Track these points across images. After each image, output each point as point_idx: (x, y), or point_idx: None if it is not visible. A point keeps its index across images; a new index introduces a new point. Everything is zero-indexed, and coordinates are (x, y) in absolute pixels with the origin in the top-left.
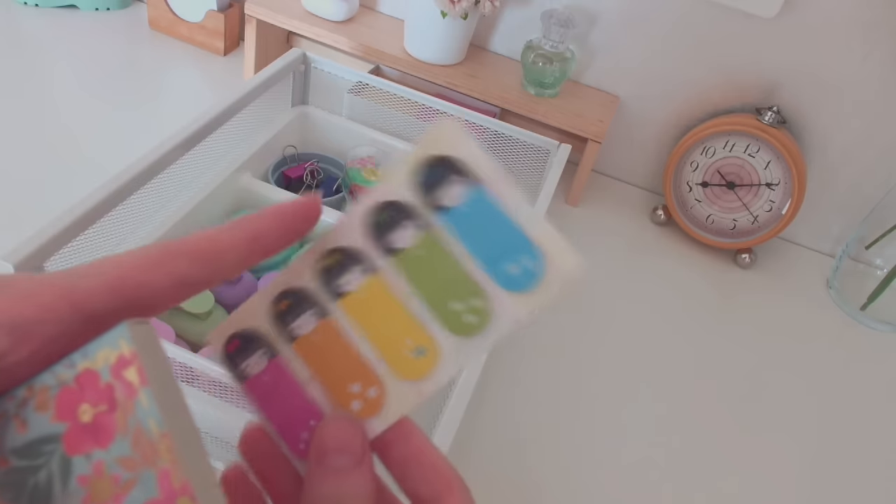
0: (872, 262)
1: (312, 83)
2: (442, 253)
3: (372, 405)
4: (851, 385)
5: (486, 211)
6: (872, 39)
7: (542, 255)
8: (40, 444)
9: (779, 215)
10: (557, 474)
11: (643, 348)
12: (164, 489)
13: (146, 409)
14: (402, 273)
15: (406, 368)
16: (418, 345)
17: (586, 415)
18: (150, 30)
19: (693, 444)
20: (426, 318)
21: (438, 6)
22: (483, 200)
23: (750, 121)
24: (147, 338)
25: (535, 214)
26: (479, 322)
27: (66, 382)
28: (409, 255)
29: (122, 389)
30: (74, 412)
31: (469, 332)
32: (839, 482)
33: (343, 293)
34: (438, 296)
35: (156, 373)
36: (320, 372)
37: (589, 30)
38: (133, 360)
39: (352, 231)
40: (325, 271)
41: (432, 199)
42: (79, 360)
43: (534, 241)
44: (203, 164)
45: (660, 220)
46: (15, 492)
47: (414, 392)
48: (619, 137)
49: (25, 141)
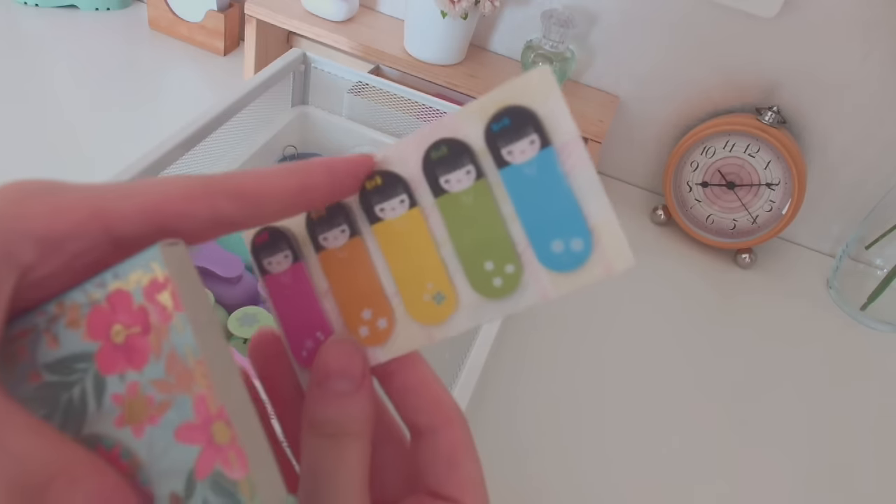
0: (872, 262)
1: (312, 83)
2: (489, 207)
3: (378, 335)
4: (851, 385)
5: (550, 178)
6: (872, 39)
7: (594, 242)
8: (73, 361)
9: (779, 215)
10: (556, 474)
11: (643, 348)
12: (200, 413)
13: (181, 334)
14: (443, 216)
15: (420, 311)
16: (439, 290)
17: (585, 414)
18: (150, 30)
19: (693, 443)
20: (454, 266)
21: (438, 6)
22: (550, 165)
23: (750, 121)
24: (181, 260)
25: (603, 196)
26: (506, 288)
27: (97, 301)
28: (454, 200)
29: (157, 313)
30: (107, 332)
31: (493, 295)
32: (839, 482)
33: (379, 218)
34: (473, 250)
35: (190, 297)
36: (337, 288)
37: (589, 30)
38: (167, 284)
39: (404, 158)
40: (366, 192)
41: (498, 149)
42: (110, 279)
43: (590, 224)
44: (203, 164)
45: (660, 220)
46: (49, 407)
47: (423, 334)
48: (619, 137)
49: (25, 141)
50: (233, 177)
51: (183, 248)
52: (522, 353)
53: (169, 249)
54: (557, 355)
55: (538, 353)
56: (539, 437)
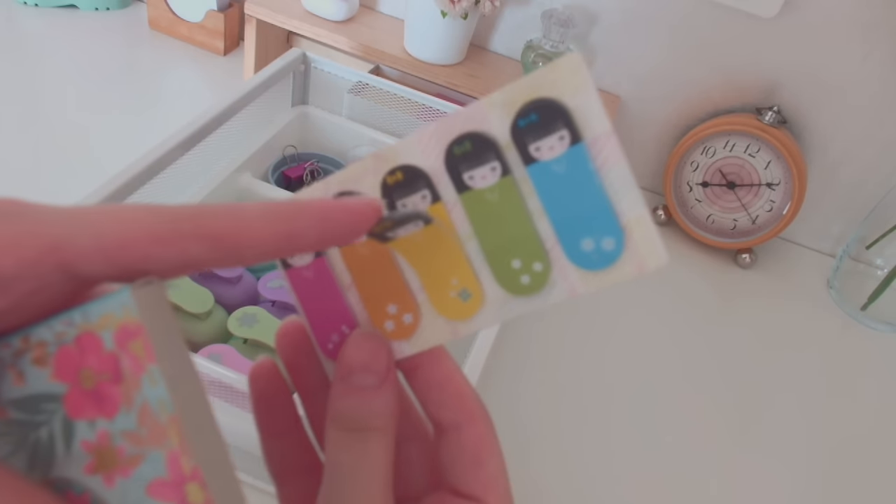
0: (873, 262)
1: (312, 83)
2: (516, 205)
3: (404, 330)
4: (852, 385)
5: (581, 175)
6: (872, 39)
7: (626, 240)
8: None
9: (779, 215)
10: (557, 474)
11: (643, 348)
12: (174, 471)
13: (154, 387)
14: (467, 212)
15: (446, 306)
16: (465, 287)
17: (585, 414)
18: (150, 30)
19: (692, 443)
20: (480, 263)
21: (438, 6)
22: (581, 162)
23: (750, 121)
24: (156, 303)
25: (636, 194)
26: (534, 286)
27: (65, 342)
28: (479, 196)
29: (128, 362)
30: (76, 375)
31: (521, 293)
32: (840, 482)
33: None
34: (499, 247)
35: (164, 345)
36: (361, 283)
37: (589, 30)
38: (139, 332)
39: (425, 151)
40: (387, 187)
41: (525, 146)
42: (79, 319)
43: (622, 222)
44: (203, 164)
45: (660, 220)
46: (15, 444)
47: (448, 329)
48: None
49: (25, 141)
50: (208, 217)
51: (158, 287)
52: (523, 352)
53: (143, 292)
54: (557, 355)
55: (538, 352)
56: (539, 436)
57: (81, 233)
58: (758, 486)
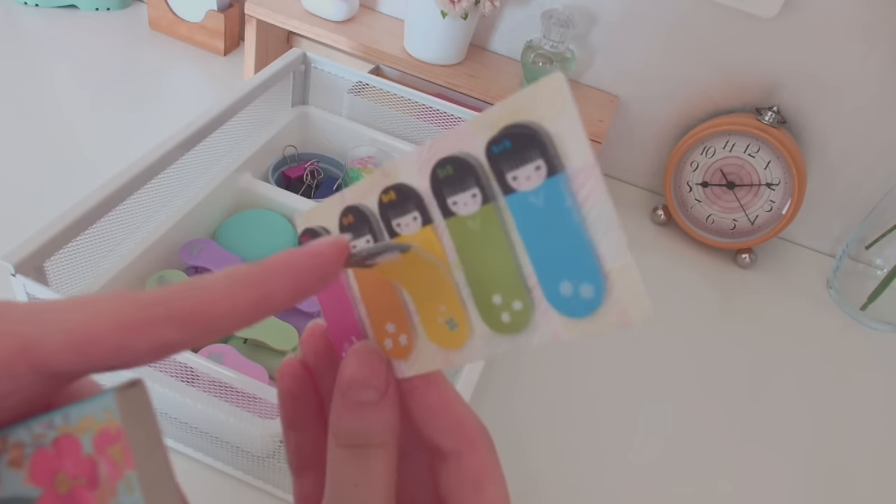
0: (872, 262)
1: (312, 83)
2: (497, 236)
3: (400, 350)
4: (851, 385)
5: (558, 210)
6: (872, 39)
7: (607, 289)
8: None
9: (779, 215)
10: (556, 474)
11: (643, 348)
12: None
13: (129, 495)
14: (452, 239)
15: (436, 333)
16: (451, 316)
17: (585, 414)
18: (150, 30)
19: (692, 443)
20: (466, 293)
21: (438, 6)
22: (559, 196)
23: (750, 121)
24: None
25: (621, 236)
26: (515, 325)
27: (42, 444)
28: (462, 224)
29: (106, 466)
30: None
31: (502, 331)
32: (839, 482)
33: (397, 234)
34: (482, 281)
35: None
36: (367, 298)
37: (589, 30)
38: (119, 437)
39: (421, 170)
40: (382, 205)
41: (502, 173)
42: (59, 422)
43: (603, 268)
44: (203, 164)
45: (660, 220)
46: None
47: (441, 357)
48: (619, 137)
49: (25, 141)
50: (177, 297)
51: (142, 389)
52: (521, 352)
53: (126, 395)
54: (557, 354)
55: (537, 352)
56: (538, 436)
57: (51, 329)
58: (757, 485)
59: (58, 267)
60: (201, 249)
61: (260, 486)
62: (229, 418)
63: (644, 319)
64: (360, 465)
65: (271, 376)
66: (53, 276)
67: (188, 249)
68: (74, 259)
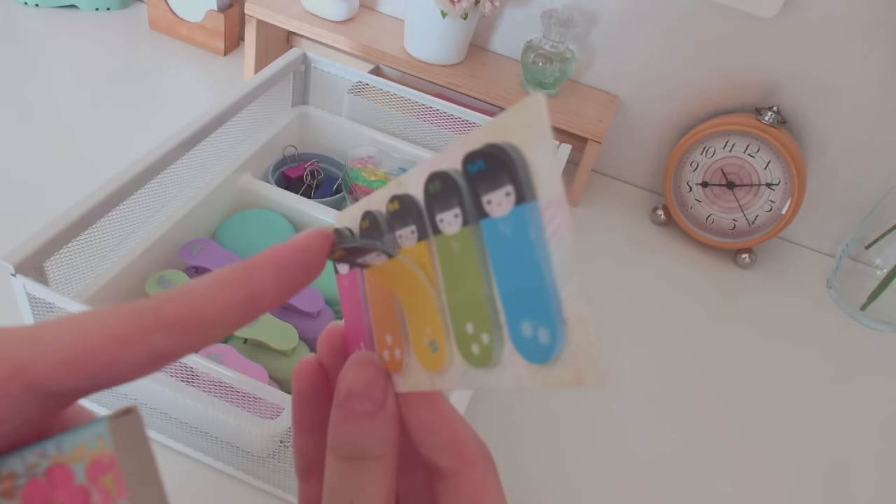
0: (872, 262)
1: (312, 83)
2: (472, 261)
3: (395, 364)
4: (851, 385)
5: (524, 242)
6: (872, 39)
7: (565, 338)
8: None
9: (779, 215)
10: (556, 474)
11: (643, 348)
12: None
13: None
14: (440, 258)
15: (421, 353)
16: (434, 339)
17: (586, 414)
18: (150, 30)
19: (692, 443)
20: (446, 317)
21: (438, 6)
22: (524, 227)
23: (750, 121)
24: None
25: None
26: (482, 359)
27: (35, 474)
28: (446, 244)
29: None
30: None
31: (472, 363)
32: (838, 482)
33: (400, 245)
34: (459, 306)
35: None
36: (373, 305)
37: (589, 30)
38: (112, 466)
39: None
40: (389, 213)
41: (478, 195)
42: (52, 451)
43: (563, 314)
44: (203, 164)
45: (660, 220)
46: None
47: (427, 379)
48: (619, 137)
49: (25, 141)
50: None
51: (136, 416)
52: None
53: (119, 423)
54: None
55: None
56: (538, 436)
57: (43, 350)
58: (756, 485)
59: (58, 267)
60: (201, 249)
61: (260, 486)
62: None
63: (600, 382)
64: (357, 478)
65: (271, 376)
66: (53, 276)
67: (188, 249)
68: (74, 259)
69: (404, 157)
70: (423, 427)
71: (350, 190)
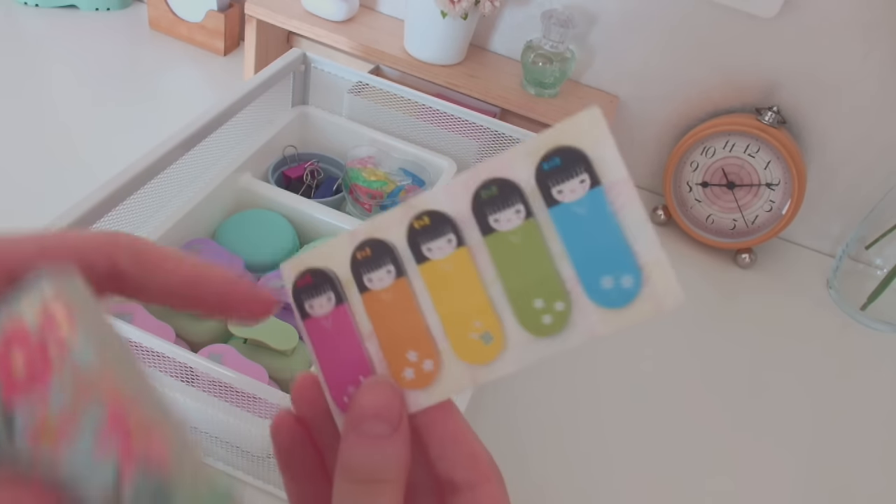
0: (872, 262)
1: (312, 83)
2: (538, 246)
3: (423, 378)
4: (851, 385)
5: (600, 216)
6: (872, 39)
7: (644, 279)
8: None
9: (779, 215)
10: (558, 474)
11: (642, 348)
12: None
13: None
14: (491, 254)
15: (466, 350)
16: (487, 330)
17: (586, 413)
18: (150, 30)
19: (692, 443)
20: (502, 305)
21: (438, 6)
22: (600, 204)
23: (750, 121)
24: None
25: (653, 235)
26: (555, 326)
27: None
28: (503, 239)
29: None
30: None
31: (542, 333)
32: (837, 482)
33: (426, 258)
34: (522, 288)
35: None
36: (382, 330)
37: (589, 30)
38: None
39: (453, 198)
40: (414, 231)
41: (548, 188)
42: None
43: (640, 262)
44: (203, 164)
45: (660, 220)
46: None
47: (468, 376)
48: (619, 137)
49: (25, 141)
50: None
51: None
52: None
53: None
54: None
55: None
56: (539, 436)
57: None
58: (756, 485)
59: None
60: (201, 249)
61: (260, 486)
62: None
63: (677, 307)
64: (368, 502)
65: (271, 376)
66: None
67: (188, 249)
68: None
69: (404, 157)
70: (443, 441)
71: (350, 190)
